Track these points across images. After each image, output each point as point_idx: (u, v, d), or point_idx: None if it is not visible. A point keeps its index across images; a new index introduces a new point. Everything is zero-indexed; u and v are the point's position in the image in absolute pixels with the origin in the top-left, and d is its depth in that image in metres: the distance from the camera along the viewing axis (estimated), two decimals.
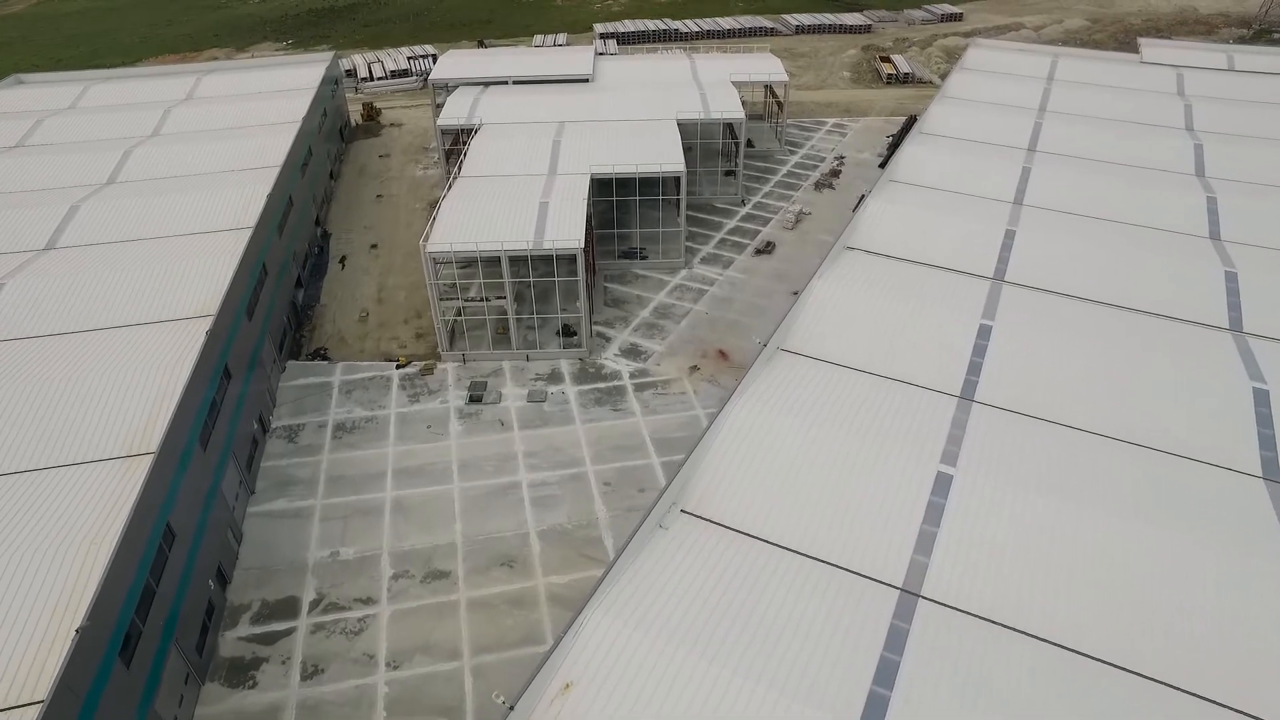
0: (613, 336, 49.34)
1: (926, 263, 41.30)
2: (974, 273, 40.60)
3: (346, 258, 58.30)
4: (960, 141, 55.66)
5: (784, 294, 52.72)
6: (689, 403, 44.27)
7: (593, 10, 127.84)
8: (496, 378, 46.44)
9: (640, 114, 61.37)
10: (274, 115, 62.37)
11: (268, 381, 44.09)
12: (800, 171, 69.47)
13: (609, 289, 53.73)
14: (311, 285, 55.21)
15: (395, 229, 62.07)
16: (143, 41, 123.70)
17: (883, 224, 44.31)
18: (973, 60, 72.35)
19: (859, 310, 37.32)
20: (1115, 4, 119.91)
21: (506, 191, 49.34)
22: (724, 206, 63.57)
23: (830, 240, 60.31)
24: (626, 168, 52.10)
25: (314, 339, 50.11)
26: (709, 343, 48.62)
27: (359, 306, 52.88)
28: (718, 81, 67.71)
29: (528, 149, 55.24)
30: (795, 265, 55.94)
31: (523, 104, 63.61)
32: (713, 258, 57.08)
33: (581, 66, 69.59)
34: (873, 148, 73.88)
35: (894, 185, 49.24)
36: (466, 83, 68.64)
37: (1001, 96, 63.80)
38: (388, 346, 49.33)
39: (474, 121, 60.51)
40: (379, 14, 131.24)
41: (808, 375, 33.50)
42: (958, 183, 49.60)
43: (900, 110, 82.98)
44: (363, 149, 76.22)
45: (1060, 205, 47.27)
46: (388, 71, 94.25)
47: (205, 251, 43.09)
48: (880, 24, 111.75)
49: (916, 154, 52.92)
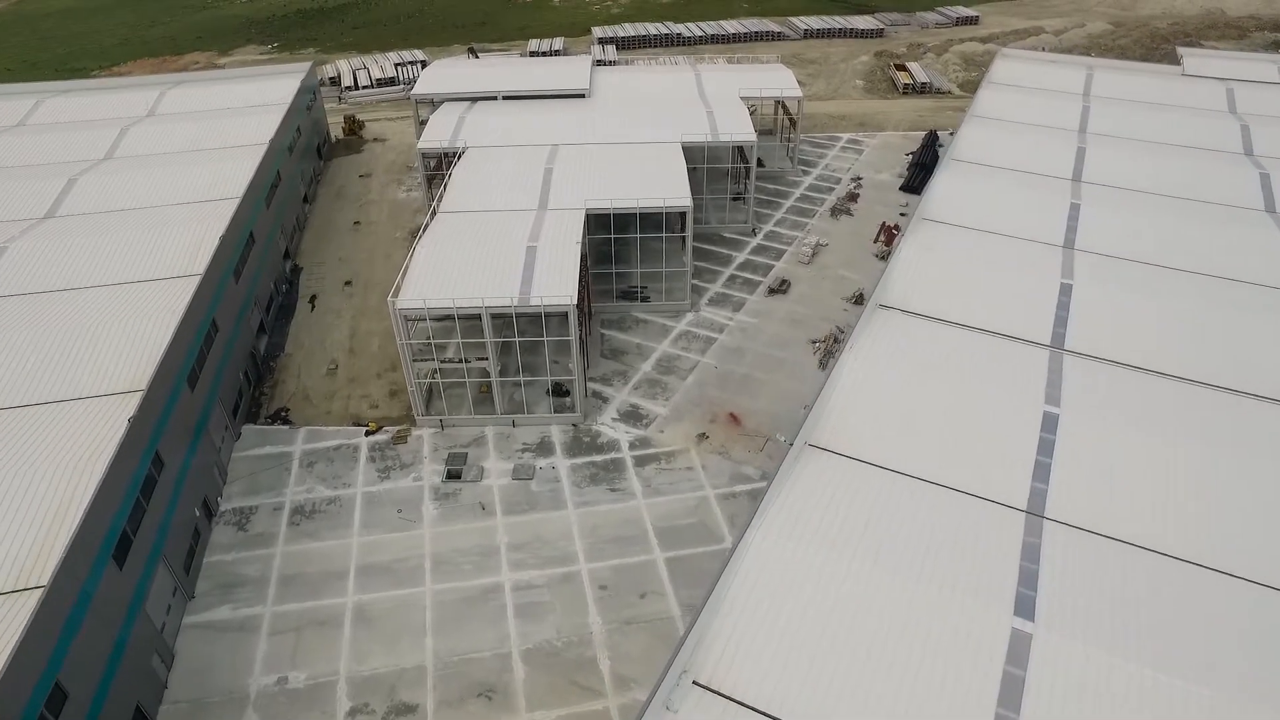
0: (610, 396, 43.29)
1: (973, 326, 35.25)
2: (1029, 339, 34.49)
3: (317, 297, 52.08)
4: (996, 171, 49.40)
5: (802, 343, 46.69)
6: (697, 480, 38.26)
7: (591, 12, 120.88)
8: (478, 447, 40.39)
9: (641, 136, 54.99)
10: (240, 135, 55.96)
11: (216, 455, 38.02)
12: (814, 195, 63.19)
13: (606, 337, 47.62)
14: (277, 330, 49.03)
15: (372, 262, 55.86)
16: (122, 44, 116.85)
17: (919, 278, 38.11)
18: (1001, 73, 65.97)
19: (900, 395, 31.03)
20: (1137, 6, 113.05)
21: (490, 233, 43.03)
22: (733, 236, 57.34)
23: (850, 277, 54.68)
24: (626, 202, 45.86)
25: (275, 397, 44.06)
26: (719, 404, 42.61)
27: (328, 357, 46.69)
28: (725, 97, 61.30)
29: (516, 179, 48.93)
30: (813, 307, 49.81)
31: (512, 123, 57.26)
32: (721, 298, 50.93)
33: (577, 80, 63.18)
34: (892, 167, 67.57)
35: (928, 226, 43.08)
36: (453, 98, 62.32)
37: (1036, 116, 57.48)
38: (358, 407, 43.30)
39: (458, 144, 54.18)
40: (369, 15, 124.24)
41: (841, 483, 27.39)
42: (999, 222, 43.33)
43: (919, 124, 76.54)
44: (342, 168, 69.80)
45: (1117, 250, 41.03)
46: (373, 79, 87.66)
47: (140, 309, 36.85)
48: (892, 27, 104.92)
49: (950, 187, 46.71)
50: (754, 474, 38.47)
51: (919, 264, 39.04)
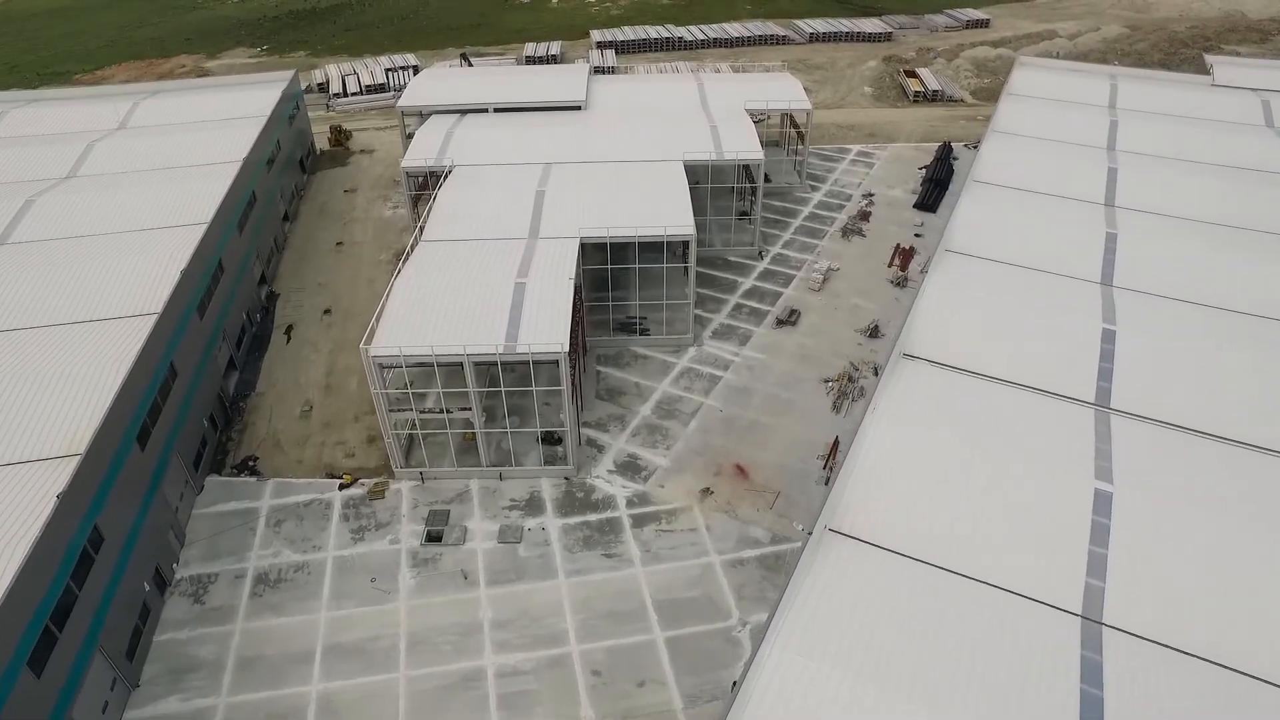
0: (606, 445, 39.48)
1: (1008, 380, 31.41)
2: (1072, 395, 30.65)
3: (294, 327, 48.19)
4: (1023, 195, 45.44)
5: (813, 383, 42.89)
6: (700, 544, 34.50)
7: (590, 13, 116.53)
8: (462, 504, 36.62)
9: (641, 153, 51.03)
10: (214, 152, 51.90)
11: (172, 516, 34.30)
12: (824, 213, 59.27)
13: (602, 374, 43.83)
14: (249, 366, 45.18)
15: (354, 288, 51.98)
16: (109, 46, 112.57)
17: (947, 322, 34.18)
18: (1021, 83, 61.95)
19: (931, 467, 27.17)
20: (1152, 9, 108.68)
21: (475, 266, 39.12)
22: (738, 260, 53.40)
23: (864, 306, 50.43)
24: (624, 230, 41.91)
25: (244, 443, 40.28)
26: (724, 454, 38.83)
27: (302, 396, 42.88)
28: (730, 110, 57.33)
29: (505, 202, 44.95)
30: (825, 341, 45.97)
31: (503, 139, 53.30)
32: (726, 331, 47.08)
33: (573, 91, 59.19)
34: (904, 183, 63.61)
35: (953, 260, 39.22)
36: (441, 110, 58.36)
37: (1061, 131, 53.49)
38: (332, 455, 39.52)
39: (444, 162, 50.18)
40: (361, 17, 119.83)
41: (868, 581, 23.64)
42: (1031, 254, 39.35)
43: (931, 135, 72.51)
44: (326, 182, 65.82)
45: (1161, 287, 37.04)
46: (362, 86, 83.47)
47: (86, 355, 32.89)
48: (901, 31, 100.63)
49: (975, 214, 42.77)
50: (763, 536, 34.74)
51: (946, 305, 35.20)
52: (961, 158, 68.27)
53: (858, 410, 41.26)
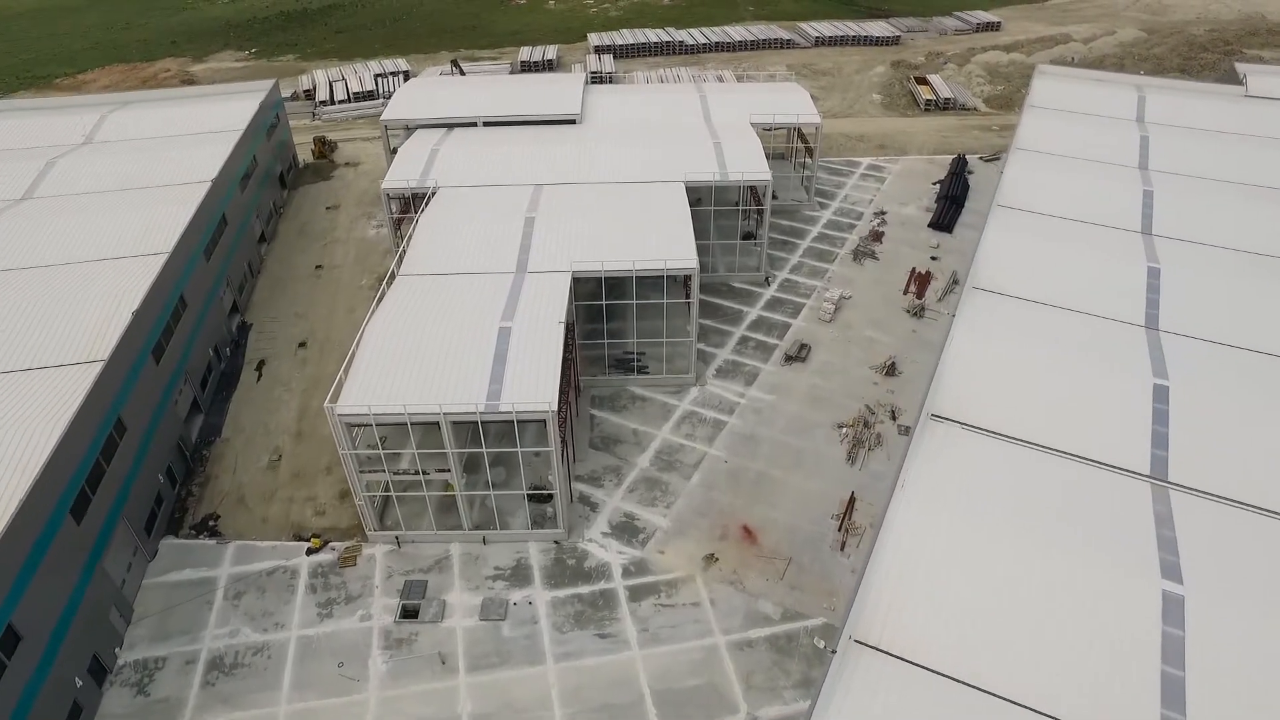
0: (600, 502, 35.77)
1: (1048, 447, 27.66)
2: (1123, 467, 26.91)
3: (265, 363, 44.38)
4: (1053, 221, 41.54)
5: (826, 429, 39.16)
6: (704, 622, 30.77)
7: (588, 15, 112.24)
8: (441, 572, 32.86)
9: (639, 173, 47.13)
10: (181, 171, 47.95)
11: (116, 591, 30.52)
12: (834, 234, 55.43)
13: (597, 420, 40.11)
14: (215, 408, 41.42)
15: (332, 318, 48.18)
16: (93, 48, 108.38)
17: (978, 377, 30.22)
18: (1042, 94, 58.00)
19: (970, 566, 23.29)
20: (1169, 11, 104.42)
21: (456, 306, 35.17)
22: (743, 287, 49.58)
23: (879, 340, 46.04)
24: (620, 264, 38.10)
25: (205, 498, 36.61)
26: (730, 513, 35.15)
27: (271, 443, 39.14)
28: (735, 124, 53.40)
29: (491, 231, 41.03)
30: (838, 380, 42.19)
31: (491, 157, 49.36)
32: (731, 368, 43.35)
33: (567, 103, 55.25)
34: (918, 199, 59.74)
35: (980, 300, 35.34)
36: (427, 124, 54.46)
37: (1089, 149, 49.52)
38: (300, 513, 35.81)
39: (428, 183, 46.26)
40: (353, 18, 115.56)
41: (902, 708, 20.15)
42: (1066, 293, 35.35)
43: (944, 146, 68.59)
44: (308, 198, 61.95)
45: (1212, 332, 33.21)
46: (350, 93, 79.42)
47: (16, 411, 29.07)
48: (909, 34, 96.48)
49: (1003, 245, 38.82)
50: (773, 612, 31.02)
51: (977, 357, 31.42)
52: (977, 171, 64.46)
53: (874, 461, 37.58)
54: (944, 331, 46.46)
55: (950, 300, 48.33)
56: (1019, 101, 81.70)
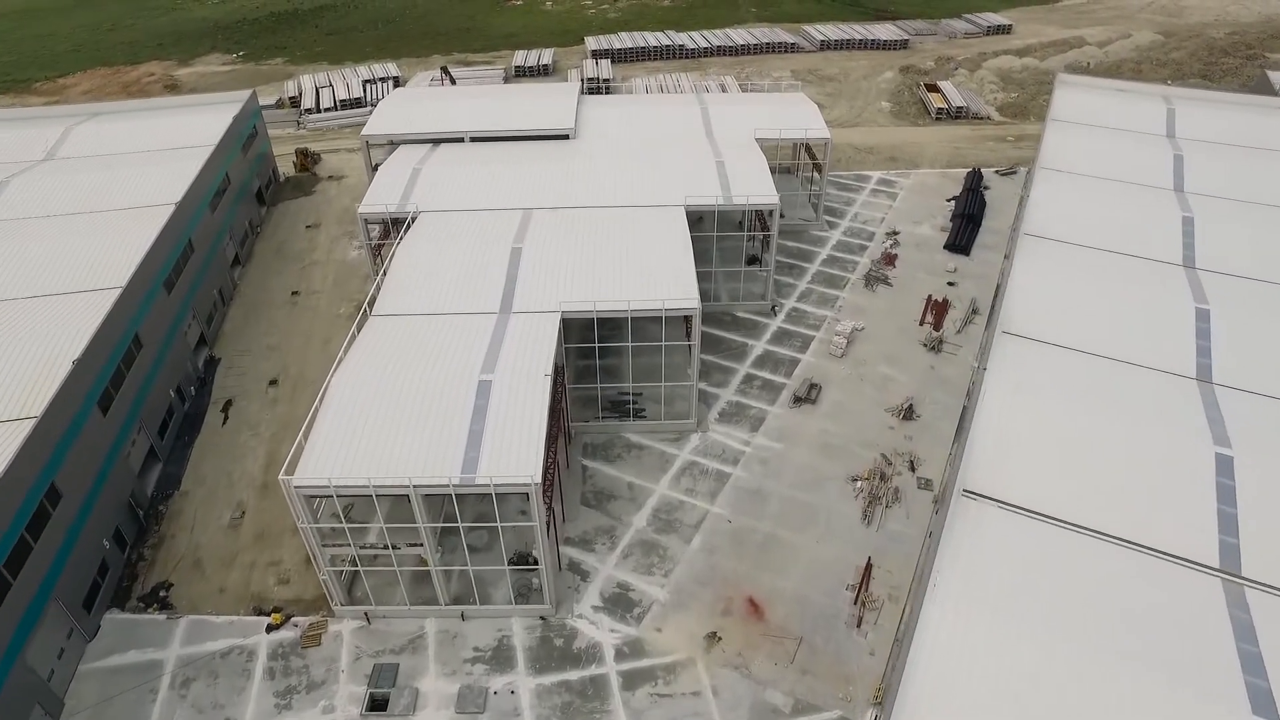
0: (592, 570, 32.19)
1: (1099, 532, 24.15)
2: (1181, 557, 23.40)
3: (233, 403, 40.78)
4: (1086, 253, 37.72)
5: (839, 482, 35.55)
6: (705, 715, 27.21)
7: (586, 16, 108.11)
8: (414, 654, 29.21)
9: (635, 195, 43.34)
10: (144, 192, 44.06)
11: (42, 684, 26.77)
12: (844, 256, 51.70)
13: (589, 472, 36.50)
14: (175, 455, 37.78)
15: (307, 350, 44.56)
16: (76, 50, 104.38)
17: (1013, 444, 26.64)
18: (1064, 107, 54.18)
19: (1014, 684, 19.97)
20: (1186, 13, 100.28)
21: (431, 357, 31.33)
22: (748, 317, 45.93)
23: (895, 378, 41.80)
24: (614, 304, 34.61)
25: (158, 562, 33.04)
26: (734, 582, 31.57)
27: (234, 498, 35.58)
28: (738, 139, 49.58)
29: (474, 264, 37.18)
30: (851, 425, 38.57)
31: (478, 177, 45.58)
32: (735, 411, 39.74)
33: (560, 118, 51.42)
34: (932, 217, 55.98)
35: (1012, 348, 31.65)
36: (410, 139, 50.69)
37: (1119, 169, 45.68)
38: (262, 580, 32.28)
39: (408, 207, 42.57)
40: (345, 20, 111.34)
41: None
42: (1106, 338, 31.61)
43: (957, 158, 64.80)
44: (288, 215, 58.21)
45: (1274, 386, 29.95)
46: (336, 101, 75.58)
47: None
48: (918, 38, 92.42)
49: (1034, 282, 35.14)
50: (782, 703, 27.49)
51: (1011, 418, 27.79)
52: (994, 186, 60.74)
53: (892, 520, 34.03)
54: (964, 368, 43.14)
55: (970, 332, 44.67)
56: (1034, 110, 78.05)
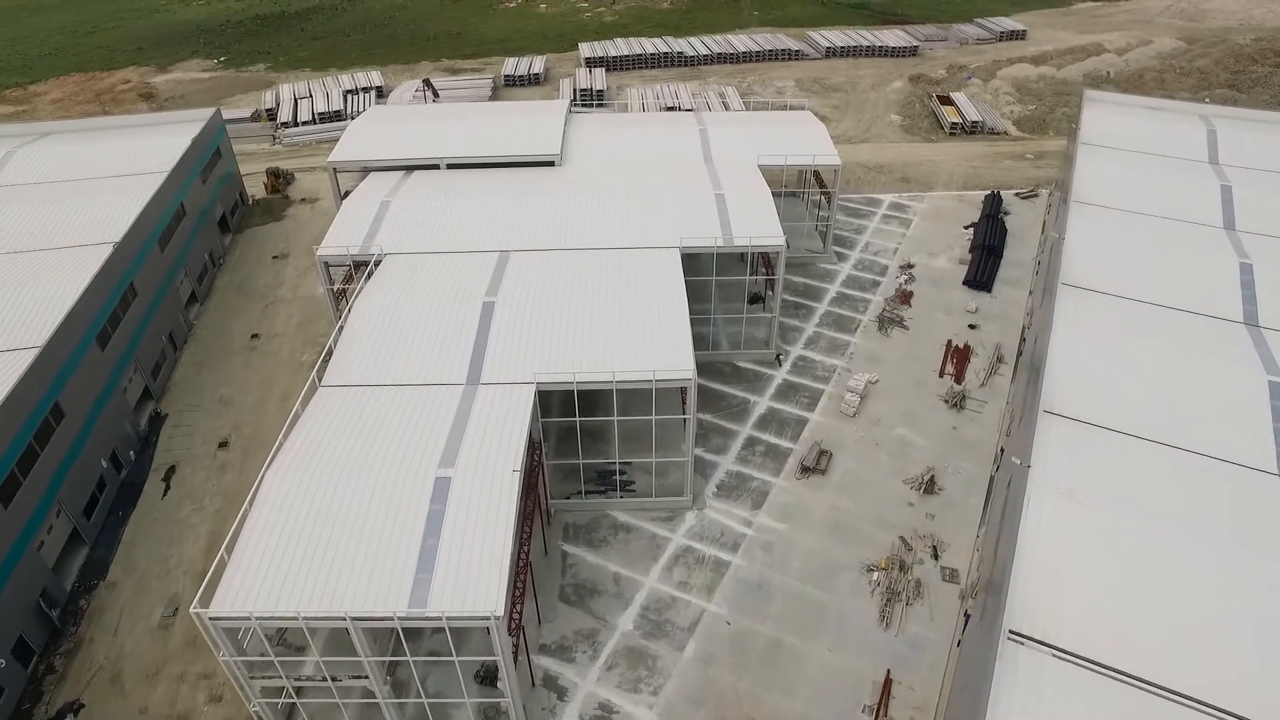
0: (570, 685, 27.59)
1: (1170, 691, 19.65)
2: None
3: (176, 469, 36.23)
4: (1134, 310, 32.84)
5: (852, 572, 30.88)
6: None
7: (581, 20, 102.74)
8: None
9: (625, 235, 38.40)
10: (80, 230, 39.07)
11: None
12: (854, 293, 46.87)
13: (570, 559, 31.84)
14: (105, 535, 32.96)
15: (264, 406, 39.88)
16: (53, 54, 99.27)
17: (1066, 569, 21.92)
18: (1094, 127, 49.14)
19: None
20: (1208, 17, 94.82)
21: (383, 445, 26.53)
22: (750, 367, 41.19)
23: (914, 442, 36.76)
24: (596, 374, 29.88)
25: (69, 675, 28.33)
26: (733, 701, 26.87)
27: (168, 590, 30.85)
28: (740, 167, 44.56)
29: (440, 323, 32.27)
30: (865, 500, 33.82)
31: (452, 212, 40.60)
32: (735, 482, 35.00)
33: (546, 142, 46.42)
34: (949, 247, 51.13)
35: (1057, 430, 27.03)
36: (382, 166, 45.82)
37: (1161, 202, 40.58)
38: (191, 698, 27.50)
39: (372, 248, 37.89)
40: (332, 24, 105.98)
41: None
42: (1163, 419, 26.86)
43: (974, 179, 59.89)
44: (254, 244, 53.39)
45: None
46: (315, 114, 70.56)
47: None
48: (928, 44, 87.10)
49: (1078, 351, 29.89)
50: None
51: (1060, 536, 23.14)
52: (1014, 210, 55.93)
53: (913, 620, 29.41)
54: (989, 429, 37.72)
55: (995, 385, 39.96)
56: (1053, 124, 72.96)
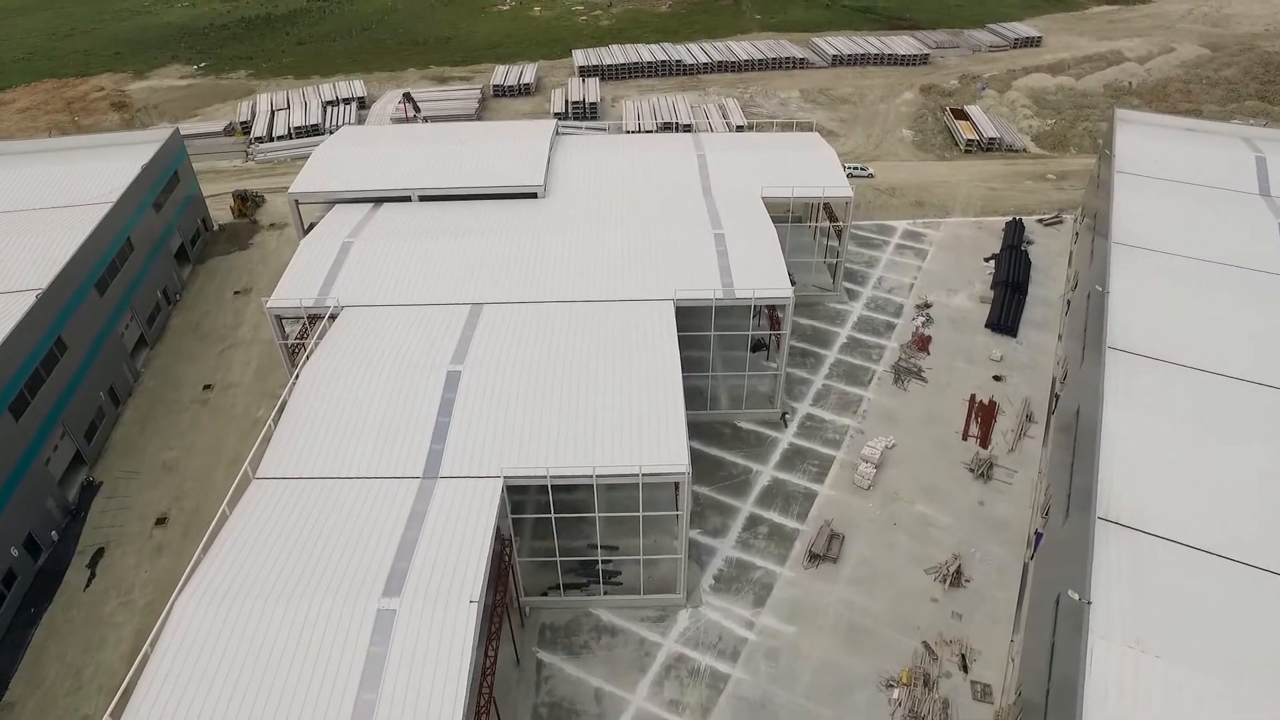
0: None
1: None
2: None
3: (105, 552, 31.70)
4: (1196, 383, 28.32)
5: (870, 689, 26.38)
6: None
7: (576, 25, 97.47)
8: None
9: (613, 284, 33.66)
10: (3, 272, 34.98)
11: None
12: (867, 338, 42.13)
13: (545, 669, 27.15)
14: (7, 643, 27.95)
15: (211, 471, 35.13)
16: (27, 58, 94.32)
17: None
18: (1129, 154, 44.04)
19: None
20: (1231, 22, 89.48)
21: (319, 562, 21.93)
22: (752, 429, 36.34)
23: (937, 520, 31.94)
24: (575, 469, 25.42)
25: None
26: None
27: (77, 713, 26.44)
28: (742, 202, 39.64)
29: (398, 400, 27.63)
30: (884, 595, 29.03)
31: (420, 254, 35.77)
32: (735, 573, 30.12)
33: (528, 171, 41.52)
34: (968, 282, 46.35)
35: (1116, 542, 22.59)
36: (347, 198, 41.14)
37: (1215, 245, 35.54)
38: None
39: (329, 301, 33.24)
40: (318, 27, 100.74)
41: None
42: (1235, 526, 22.65)
43: (993, 203, 55.02)
44: (216, 276, 48.49)
45: None
46: (291, 128, 65.61)
47: None
48: (939, 52, 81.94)
49: (1135, 442, 25.14)
50: None
51: (1127, 689, 18.90)
52: (1037, 239, 51.20)
53: None
54: (1021, 504, 32.54)
55: (1026, 449, 35.26)
56: (1074, 140, 67.85)
